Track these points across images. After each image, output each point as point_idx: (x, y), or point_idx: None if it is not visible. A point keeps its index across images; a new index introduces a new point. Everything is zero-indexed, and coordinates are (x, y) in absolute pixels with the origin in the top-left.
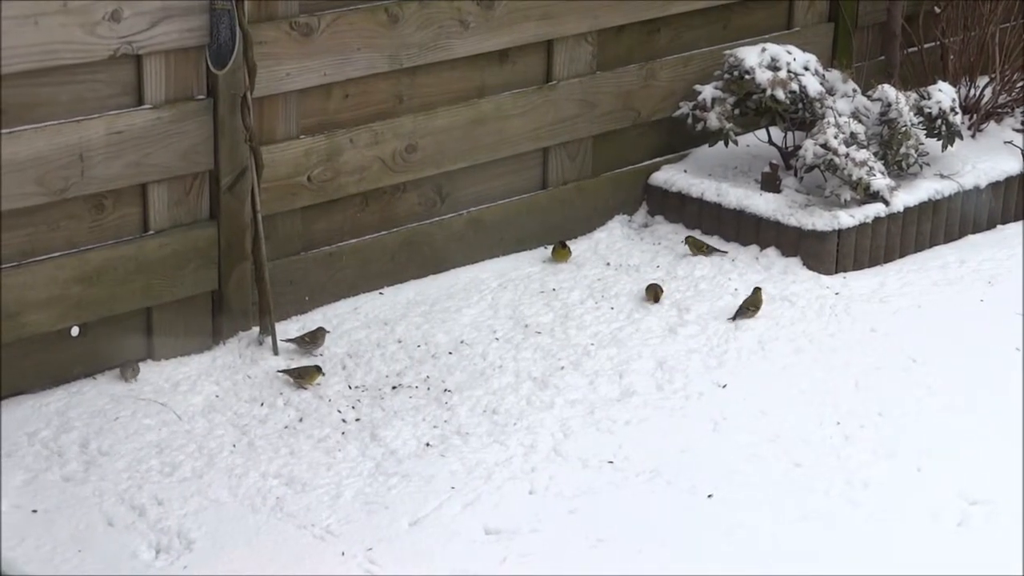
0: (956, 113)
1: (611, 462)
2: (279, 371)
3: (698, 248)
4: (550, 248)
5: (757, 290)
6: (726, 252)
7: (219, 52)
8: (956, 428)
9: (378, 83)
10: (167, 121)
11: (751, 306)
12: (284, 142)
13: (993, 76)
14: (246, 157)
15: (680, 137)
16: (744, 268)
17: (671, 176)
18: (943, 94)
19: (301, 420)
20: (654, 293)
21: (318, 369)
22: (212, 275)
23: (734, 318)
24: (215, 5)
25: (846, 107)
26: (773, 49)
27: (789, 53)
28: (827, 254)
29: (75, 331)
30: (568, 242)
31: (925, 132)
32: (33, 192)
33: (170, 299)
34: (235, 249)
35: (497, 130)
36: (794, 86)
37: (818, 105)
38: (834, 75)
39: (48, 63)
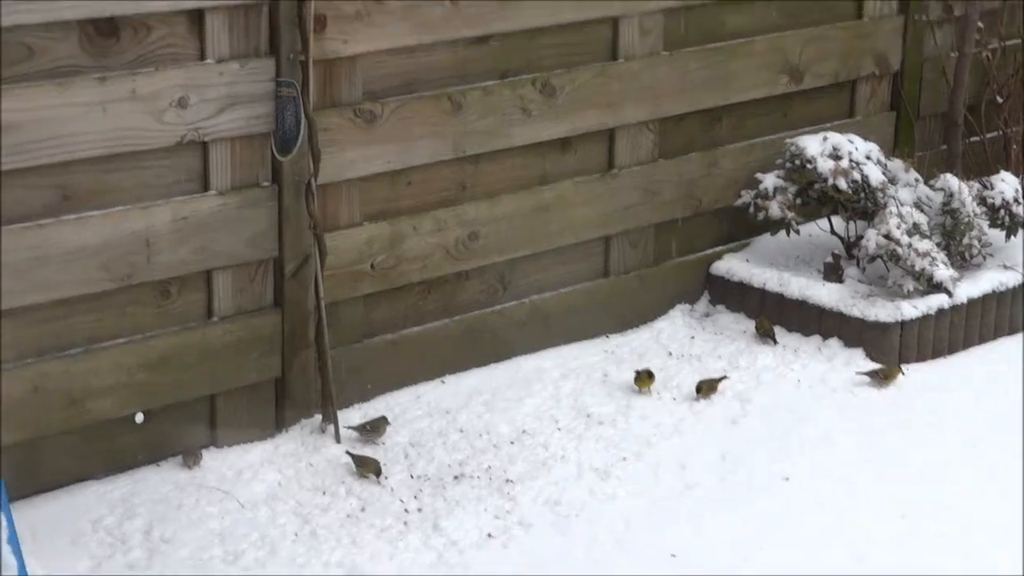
0: (1019, 203)
1: (674, 555)
2: (348, 452)
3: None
4: (632, 373)
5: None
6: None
7: (284, 139)
8: None
9: (441, 170)
10: (232, 207)
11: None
12: (347, 229)
13: None
14: (310, 244)
15: (742, 226)
16: (807, 359)
17: (733, 265)
18: (1006, 184)
19: (363, 509)
20: (706, 389)
21: (378, 469)
22: (275, 362)
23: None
24: (280, 92)
25: (908, 197)
26: (835, 138)
27: (851, 142)
28: (890, 345)
29: (139, 418)
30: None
31: (988, 222)
32: (100, 278)
33: (234, 386)
34: (298, 336)
35: (559, 218)
36: (856, 175)
37: (880, 195)
38: (896, 164)
39: (116, 149)
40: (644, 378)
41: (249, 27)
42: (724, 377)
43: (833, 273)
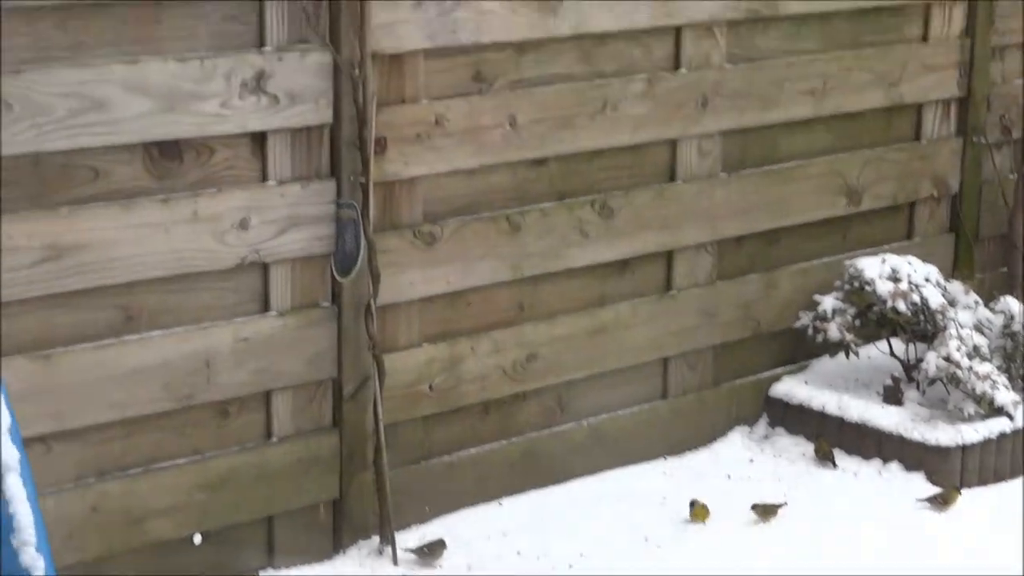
0: None
1: None
2: (405, 575)
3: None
4: (687, 505)
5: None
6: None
7: (344, 260)
8: None
9: (500, 291)
10: (292, 328)
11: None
12: (406, 350)
13: None
14: (369, 365)
15: (801, 348)
16: (867, 482)
17: (791, 388)
18: None
19: None
20: (761, 512)
21: None
22: (333, 483)
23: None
24: (341, 214)
25: (968, 319)
26: (893, 260)
27: (910, 264)
28: (951, 470)
29: (197, 539)
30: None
31: None
32: (160, 398)
33: (292, 507)
34: (356, 457)
35: (617, 339)
36: (915, 298)
37: (940, 317)
38: (955, 287)
39: (178, 270)
40: (699, 511)
41: (311, 149)
42: (783, 504)
43: (893, 396)
